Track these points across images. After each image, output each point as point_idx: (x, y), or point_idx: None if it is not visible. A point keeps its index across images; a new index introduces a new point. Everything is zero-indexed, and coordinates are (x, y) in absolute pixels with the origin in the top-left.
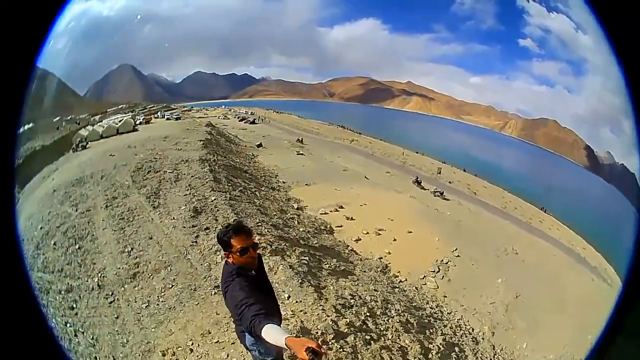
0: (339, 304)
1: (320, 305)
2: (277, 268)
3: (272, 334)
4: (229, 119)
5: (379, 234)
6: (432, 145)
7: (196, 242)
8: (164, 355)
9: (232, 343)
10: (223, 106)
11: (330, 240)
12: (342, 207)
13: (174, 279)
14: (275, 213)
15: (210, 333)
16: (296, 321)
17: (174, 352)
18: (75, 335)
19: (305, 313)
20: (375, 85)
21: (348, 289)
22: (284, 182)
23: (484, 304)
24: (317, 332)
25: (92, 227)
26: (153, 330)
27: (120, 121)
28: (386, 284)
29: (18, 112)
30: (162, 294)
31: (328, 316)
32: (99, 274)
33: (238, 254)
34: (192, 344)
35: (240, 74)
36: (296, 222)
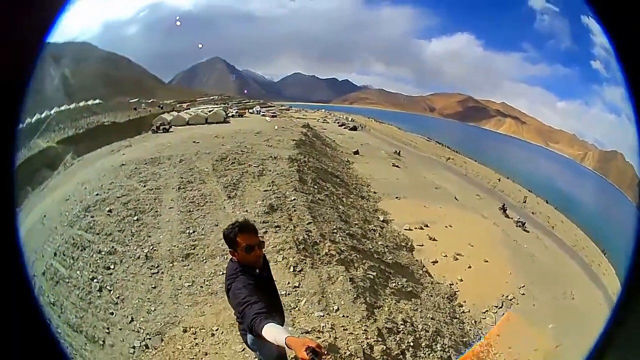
0: (386, 328)
1: (364, 325)
2: (336, 279)
3: (272, 333)
4: (328, 123)
5: (457, 259)
6: (522, 171)
7: (262, 237)
8: (184, 331)
9: None
10: (323, 110)
11: (407, 259)
12: (427, 226)
13: (214, 271)
14: (357, 222)
15: (217, 329)
16: (329, 335)
17: (195, 332)
18: (99, 290)
19: (345, 330)
20: (473, 103)
21: (404, 312)
22: (374, 192)
23: (528, 350)
24: (345, 352)
25: (157, 204)
26: (186, 308)
27: (210, 111)
28: (447, 313)
29: (18, 107)
30: (210, 279)
31: (367, 338)
32: (151, 247)
33: (243, 251)
34: (217, 330)
35: (341, 79)
36: (377, 234)
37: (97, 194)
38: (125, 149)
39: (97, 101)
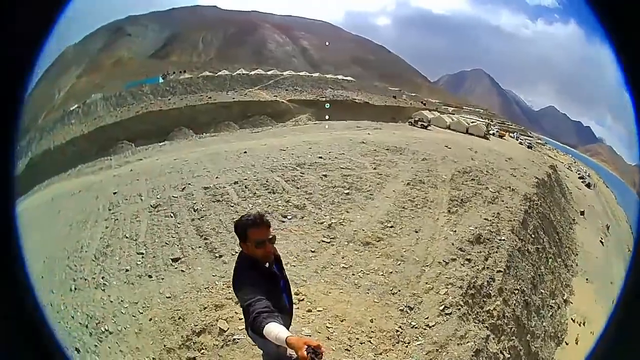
0: None
1: None
2: (467, 342)
3: (273, 332)
4: (571, 171)
5: None
6: None
7: (446, 264)
8: (295, 294)
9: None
10: (570, 155)
11: (548, 353)
12: (584, 324)
13: (376, 269)
14: (543, 292)
15: (320, 311)
16: None
17: (302, 299)
18: None
19: None
20: None
21: None
22: (576, 265)
23: None
24: None
25: (377, 189)
26: (317, 279)
27: (472, 123)
28: None
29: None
30: (366, 273)
31: None
32: (341, 221)
33: (254, 246)
34: (315, 310)
35: (585, 125)
36: (550, 314)
37: (320, 157)
38: (372, 130)
39: (348, 78)
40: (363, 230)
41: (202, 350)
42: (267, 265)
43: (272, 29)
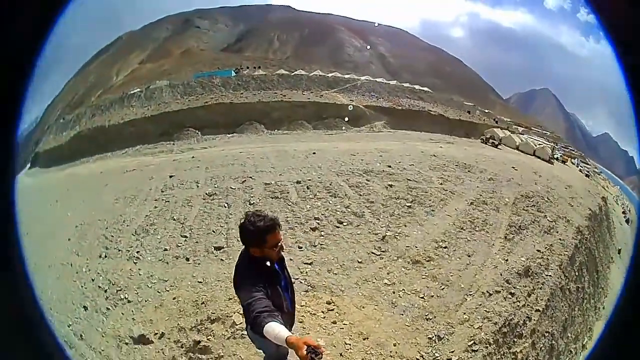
0: None
1: None
2: None
3: (274, 332)
4: (617, 204)
5: None
6: None
7: (490, 295)
8: (328, 303)
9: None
10: (618, 187)
11: None
12: None
13: (418, 290)
14: (570, 335)
15: (346, 325)
16: None
17: (332, 308)
18: (313, 229)
19: None
20: None
21: None
22: (603, 308)
23: None
24: None
25: (440, 205)
26: (356, 290)
27: (539, 145)
28: None
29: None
30: (408, 293)
31: None
32: (396, 234)
33: (270, 249)
34: (342, 319)
35: (630, 154)
36: (567, 359)
37: (389, 166)
38: (445, 144)
39: (425, 89)
40: (416, 247)
41: (210, 337)
42: (268, 264)
43: (348, 33)
